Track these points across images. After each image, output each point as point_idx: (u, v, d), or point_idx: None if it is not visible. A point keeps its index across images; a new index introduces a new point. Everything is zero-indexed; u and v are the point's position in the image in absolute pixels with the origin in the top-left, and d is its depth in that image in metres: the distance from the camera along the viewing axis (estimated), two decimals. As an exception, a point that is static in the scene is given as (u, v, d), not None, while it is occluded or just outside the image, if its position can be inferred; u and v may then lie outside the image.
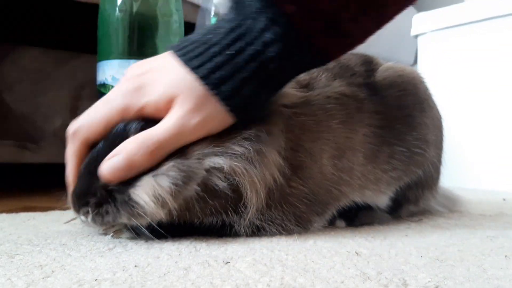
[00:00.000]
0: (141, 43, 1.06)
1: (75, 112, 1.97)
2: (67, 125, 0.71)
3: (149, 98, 0.67)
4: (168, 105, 0.67)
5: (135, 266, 0.55)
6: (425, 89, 0.97)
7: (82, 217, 0.69)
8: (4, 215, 0.94)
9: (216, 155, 0.68)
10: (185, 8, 1.20)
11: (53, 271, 0.52)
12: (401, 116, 0.89)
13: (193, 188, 0.67)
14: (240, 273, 0.53)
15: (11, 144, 1.92)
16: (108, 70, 1.06)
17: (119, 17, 1.05)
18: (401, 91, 0.90)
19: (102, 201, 0.66)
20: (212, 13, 1.29)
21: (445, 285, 0.49)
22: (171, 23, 1.10)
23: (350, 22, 0.68)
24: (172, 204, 0.65)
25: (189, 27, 1.24)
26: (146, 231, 0.67)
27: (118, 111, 0.68)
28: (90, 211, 0.67)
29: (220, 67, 0.65)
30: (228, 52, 0.65)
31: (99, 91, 1.09)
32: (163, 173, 0.65)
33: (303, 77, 0.83)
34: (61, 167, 0.72)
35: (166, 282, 0.49)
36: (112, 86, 1.06)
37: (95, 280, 0.49)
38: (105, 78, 1.07)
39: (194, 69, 0.66)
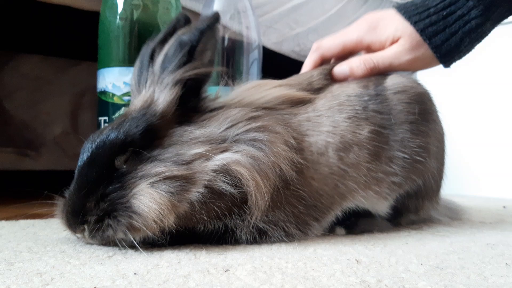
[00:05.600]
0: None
1: (75, 119, 1.97)
2: (67, 132, 0.71)
3: (380, 37, 0.96)
4: (391, 44, 0.96)
5: (135, 273, 0.55)
6: (433, 105, 0.99)
7: (78, 235, 0.69)
8: (3, 222, 0.94)
9: (222, 152, 0.69)
10: (185, 16, 1.20)
11: (52, 279, 0.52)
12: (405, 121, 0.90)
13: (197, 192, 0.67)
14: (240, 280, 0.53)
15: (11, 151, 1.93)
16: (109, 77, 1.06)
17: (120, 25, 1.06)
18: (410, 99, 0.92)
19: (103, 214, 0.65)
20: (212, 21, 1.29)
21: (445, 293, 0.49)
22: (171, 30, 1.10)
23: None
24: (170, 218, 0.65)
25: (189, 35, 1.25)
26: (137, 245, 0.65)
27: (353, 41, 0.98)
28: (86, 229, 0.66)
29: (434, 24, 0.93)
30: (442, 13, 0.93)
31: (100, 98, 1.09)
32: (160, 180, 0.65)
33: (317, 83, 0.91)
34: (61, 174, 0.72)
35: (165, 290, 0.48)
36: (113, 94, 1.06)
37: (95, 287, 0.49)
38: (106, 86, 1.07)
39: (415, 23, 0.93)
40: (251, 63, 1.19)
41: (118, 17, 1.06)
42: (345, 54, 1.00)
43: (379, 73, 0.94)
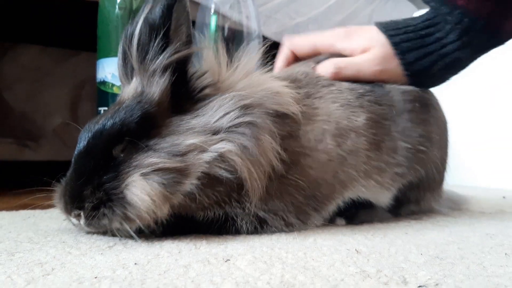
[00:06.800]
0: (140, 40, 1.05)
1: (75, 110, 1.96)
2: (67, 123, 0.70)
3: (352, 45, 0.93)
4: (361, 53, 0.92)
5: (135, 263, 0.55)
6: (431, 94, 0.99)
7: (74, 220, 0.68)
8: (4, 212, 0.94)
9: (216, 143, 0.68)
10: (185, 5, 1.19)
11: (53, 269, 0.52)
12: (405, 110, 0.90)
13: (191, 184, 0.67)
14: (240, 270, 0.53)
15: (11, 142, 1.92)
16: (108, 67, 1.06)
17: (119, 14, 1.05)
18: (407, 88, 0.92)
19: (99, 203, 0.65)
20: (212, 11, 1.28)
21: (445, 282, 0.49)
22: (171, 20, 1.10)
23: None
24: (163, 209, 0.65)
25: (188, 25, 1.24)
26: (134, 235, 0.65)
27: (325, 45, 0.97)
28: (82, 215, 0.66)
29: (410, 40, 0.90)
30: (420, 32, 0.90)
31: (99, 88, 1.09)
32: (153, 171, 0.65)
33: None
34: (61, 164, 0.72)
35: (166, 280, 0.49)
36: (112, 84, 1.06)
37: (95, 277, 0.49)
38: (105, 76, 1.07)
39: (390, 36, 0.91)
40: (251, 53, 1.18)
41: (117, 6, 1.05)
42: (315, 56, 0.99)
43: (344, 79, 0.89)
